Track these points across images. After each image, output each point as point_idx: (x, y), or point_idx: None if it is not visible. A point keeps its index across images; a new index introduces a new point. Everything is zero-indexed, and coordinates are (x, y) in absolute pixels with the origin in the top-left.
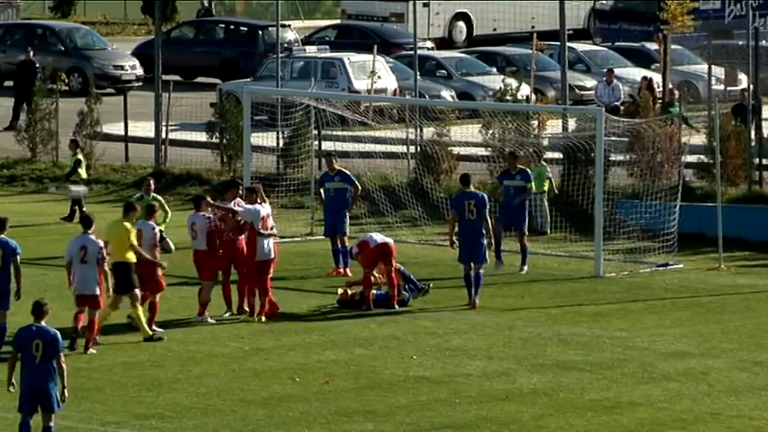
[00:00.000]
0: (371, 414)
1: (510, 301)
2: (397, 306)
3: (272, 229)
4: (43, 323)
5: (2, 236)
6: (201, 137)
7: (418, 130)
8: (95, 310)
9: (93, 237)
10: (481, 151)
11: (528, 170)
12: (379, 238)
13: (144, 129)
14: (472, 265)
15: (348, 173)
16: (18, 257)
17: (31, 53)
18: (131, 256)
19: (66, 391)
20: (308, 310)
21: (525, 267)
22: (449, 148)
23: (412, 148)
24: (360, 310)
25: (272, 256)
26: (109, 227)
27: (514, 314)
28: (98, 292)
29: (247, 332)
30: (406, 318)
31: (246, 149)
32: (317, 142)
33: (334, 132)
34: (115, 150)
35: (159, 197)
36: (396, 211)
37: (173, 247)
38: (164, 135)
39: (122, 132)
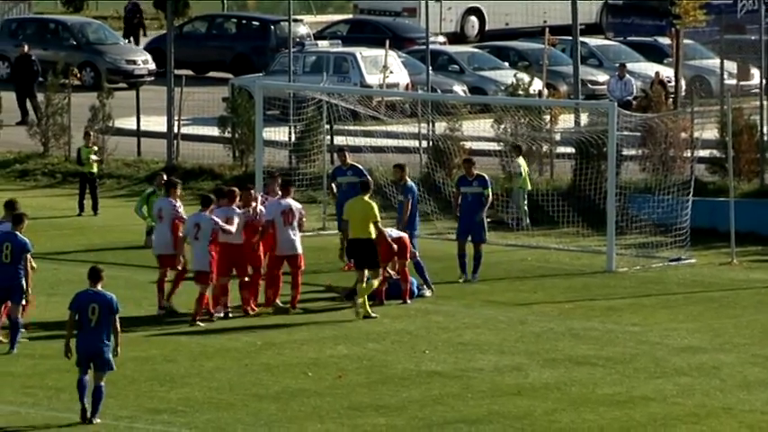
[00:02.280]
0: (384, 408)
1: (522, 296)
2: (409, 300)
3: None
4: (99, 287)
5: (14, 231)
6: (213, 131)
7: (430, 125)
8: (206, 286)
9: (206, 214)
10: (493, 146)
11: (485, 176)
12: (394, 232)
13: (156, 123)
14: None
15: (361, 167)
16: (29, 255)
17: (26, 47)
18: (373, 232)
19: (119, 349)
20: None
21: (477, 275)
22: (461, 143)
23: (424, 143)
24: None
25: (298, 251)
26: (349, 205)
27: (527, 309)
28: (210, 269)
29: (260, 326)
30: (418, 313)
31: (258, 144)
32: (329, 137)
33: (347, 127)
34: (127, 145)
35: None
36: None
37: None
38: (176, 130)
39: (135, 127)
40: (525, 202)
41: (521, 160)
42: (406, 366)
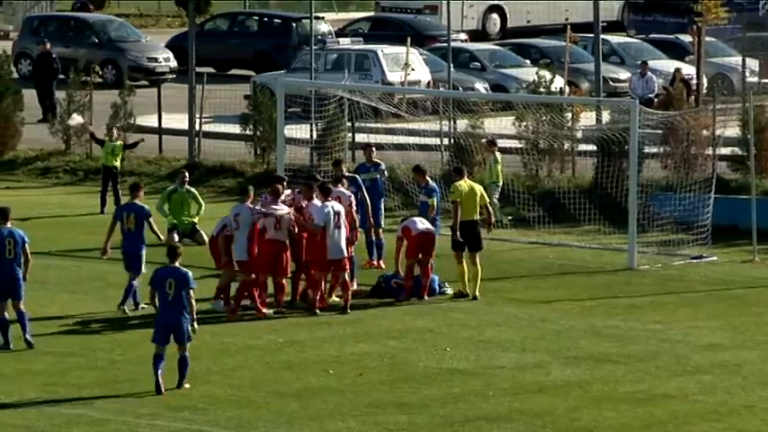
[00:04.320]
0: (405, 406)
1: (544, 294)
2: (426, 296)
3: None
4: (177, 264)
5: (7, 226)
6: (235, 129)
7: (452, 123)
8: (344, 272)
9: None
10: (515, 143)
11: (433, 184)
12: (421, 224)
13: (178, 121)
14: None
15: (383, 165)
16: (27, 246)
17: (48, 45)
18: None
19: (195, 323)
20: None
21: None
22: (482, 140)
23: (445, 141)
24: (388, 300)
25: (342, 255)
26: (462, 187)
27: (548, 306)
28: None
29: (281, 324)
30: (439, 310)
31: (280, 141)
32: (350, 134)
33: (368, 124)
34: (149, 142)
35: (193, 189)
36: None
37: (206, 239)
38: (197, 127)
39: (156, 124)
40: (496, 197)
41: (496, 155)
42: (428, 364)
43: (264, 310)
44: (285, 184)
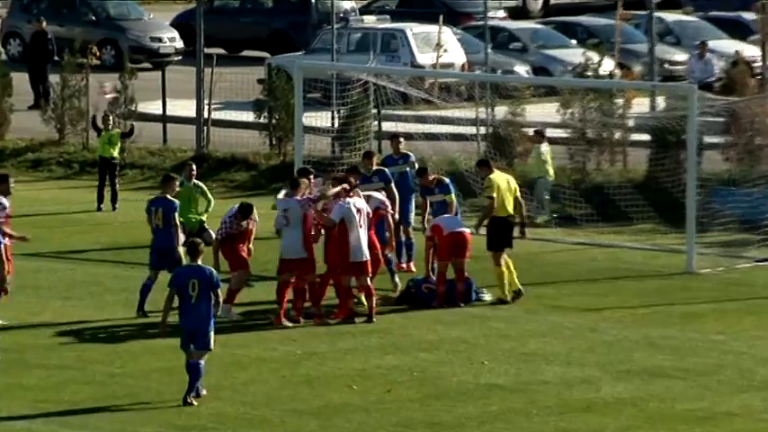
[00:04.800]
0: (438, 426)
1: (592, 301)
2: (461, 304)
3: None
4: (199, 262)
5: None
6: (248, 117)
7: (489, 110)
8: (367, 276)
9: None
10: (560, 133)
11: (446, 180)
12: (453, 224)
13: (184, 107)
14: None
15: (413, 157)
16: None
17: (44, 23)
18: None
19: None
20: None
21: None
22: (523, 130)
23: (482, 130)
24: (418, 307)
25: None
26: (501, 181)
27: (597, 315)
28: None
29: (299, 334)
30: (476, 318)
31: (298, 130)
32: (376, 123)
33: (396, 112)
34: (152, 131)
35: (201, 184)
36: (464, 199)
37: (214, 236)
38: (206, 114)
39: (160, 111)
40: (547, 195)
41: (544, 147)
42: (463, 379)
43: (284, 320)
44: (312, 177)
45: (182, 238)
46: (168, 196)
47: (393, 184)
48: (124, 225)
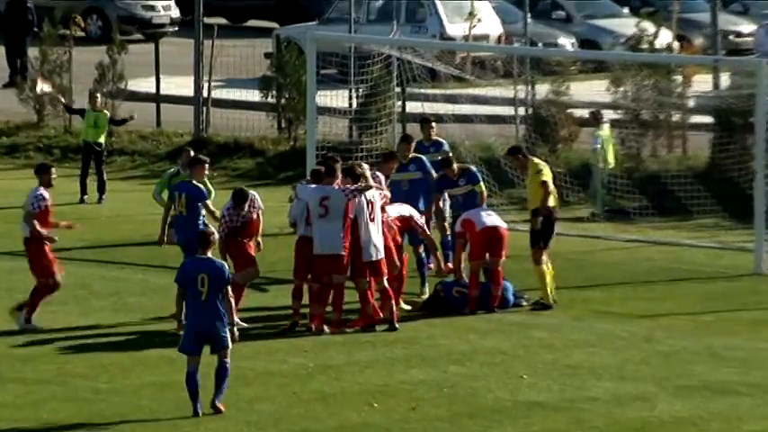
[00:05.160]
0: None
1: (647, 306)
2: (497, 309)
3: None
4: (209, 254)
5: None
6: (254, 96)
7: (529, 88)
8: (382, 277)
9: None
10: (610, 114)
11: (472, 168)
12: (487, 218)
13: (180, 85)
14: None
15: (446, 146)
16: None
17: None
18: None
19: (235, 329)
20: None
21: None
22: (568, 111)
23: (521, 111)
24: (448, 314)
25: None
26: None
27: (653, 322)
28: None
29: (312, 345)
30: (514, 326)
31: (310, 112)
32: (399, 103)
33: (423, 90)
34: (144, 113)
35: None
36: (501, 189)
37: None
38: (205, 93)
39: (153, 90)
40: (600, 186)
41: (604, 130)
42: (499, 395)
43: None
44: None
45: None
46: (194, 181)
47: (432, 174)
48: (111, 219)
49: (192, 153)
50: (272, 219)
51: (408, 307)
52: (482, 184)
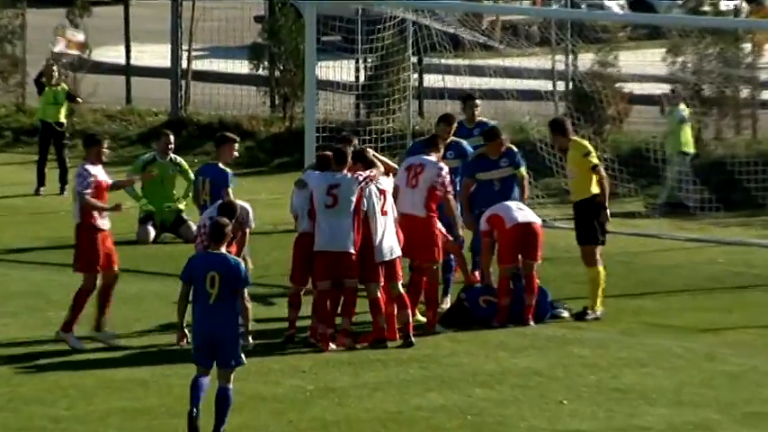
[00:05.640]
0: None
1: (710, 318)
2: (532, 321)
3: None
4: (222, 249)
5: None
6: (242, 67)
7: (570, 58)
8: (397, 281)
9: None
10: (666, 89)
11: (514, 148)
12: (519, 212)
13: (155, 55)
14: None
15: (489, 122)
16: None
17: None
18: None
19: (250, 337)
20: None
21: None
22: (617, 85)
23: (561, 85)
24: (473, 326)
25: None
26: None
27: (716, 337)
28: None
29: (311, 364)
30: (552, 343)
31: (310, 86)
32: (416, 76)
33: (443, 61)
34: (112, 87)
35: (181, 160)
36: (537, 179)
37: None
38: (184, 64)
39: (122, 61)
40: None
41: (682, 110)
42: (534, 424)
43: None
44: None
45: (151, 232)
46: (221, 164)
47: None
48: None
49: (171, 137)
50: (264, 214)
51: (425, 319)
52: (524, 169)
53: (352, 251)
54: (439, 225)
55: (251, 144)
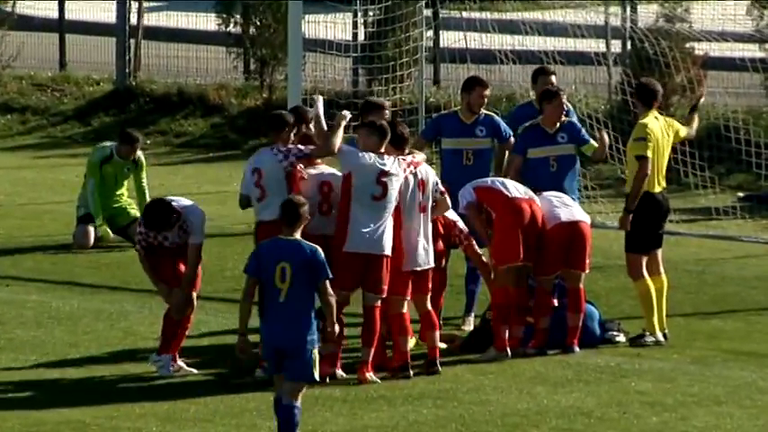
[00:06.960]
0: None
1: None
2: (577, 347)
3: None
4: (297, 235)
5: None
6: (207, 23)
7: (628, 11)
8: (426, 295)
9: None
10: (749, 51)
11: (574, 122)
12: (562, 209)
13: (94, 8)
14: None
15: (571, 111)
16: None
17: None
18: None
19: (329, 341)
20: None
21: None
22: (687, 45)
23: (616, 45)
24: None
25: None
26: (657, 133)
27: None
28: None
29: (302, 398)
30: (604, 374)
31: (294, 47)
32: (430, 34)
33: (465, 14)
34: (40, 49)
35: (143, 159)
36: (585, 165)
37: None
38: (134, 20)
39: (54, 15)
40: None
41: None
42: None
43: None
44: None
45: (91, 234)
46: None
47: (511, 141)
48: None
49: (140, 139)
50: (237, 210)
51: (443, 345)
52: (593, 143)
53: (389, 255)
54: (455, 217)
55: (219, 121)
